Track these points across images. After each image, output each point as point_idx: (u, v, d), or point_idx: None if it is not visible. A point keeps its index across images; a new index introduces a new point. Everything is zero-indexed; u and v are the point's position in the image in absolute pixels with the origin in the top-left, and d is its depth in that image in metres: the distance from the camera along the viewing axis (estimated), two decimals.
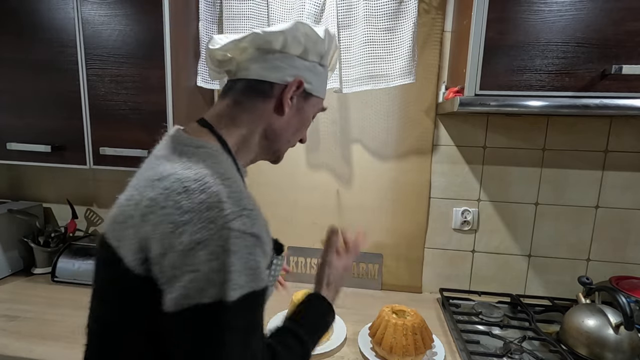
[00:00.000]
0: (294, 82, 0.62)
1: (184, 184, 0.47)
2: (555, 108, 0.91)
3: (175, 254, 0.45)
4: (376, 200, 1.34)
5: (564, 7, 0.87)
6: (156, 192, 0.48)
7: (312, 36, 0.62)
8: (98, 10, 1.07)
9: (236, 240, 0.45)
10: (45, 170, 1.51)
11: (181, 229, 0.45)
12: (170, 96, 1.09)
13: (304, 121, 0.68)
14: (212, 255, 0.44)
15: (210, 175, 0.48)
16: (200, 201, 0.46)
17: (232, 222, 0.46)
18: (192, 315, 0.44)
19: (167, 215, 0.46)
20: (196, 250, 0.44)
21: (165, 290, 0.46)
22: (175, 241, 0.45)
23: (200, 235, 0.44)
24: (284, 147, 0.69)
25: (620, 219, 1.25)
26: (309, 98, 0.66)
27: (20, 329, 1.02)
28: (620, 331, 0.93)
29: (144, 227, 0.47)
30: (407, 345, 0.90)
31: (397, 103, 1.28)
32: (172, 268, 0.45)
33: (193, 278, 0.44)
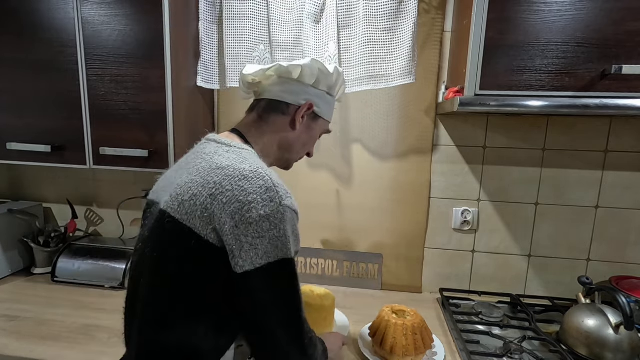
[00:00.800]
0: (306, 104, 0.77)
1: (243, 173, 0.61)
2: (555, 108, 0.91)
3: (246, 226, 0.58)
4: (376, 200, 1.34)
5: (564, 7, 0.87)
6: (220, 178, 0.60)
7: (323, 71, 0.78)
8: (98, 10, 1.07)
9: (287, 215, 0.60)
10: (45, 170, 1.51)
11: (247, 207, 0.58)
12: (170, 96, 1.09)
13: (311, 138, 0.83)
14: (273, 225, 0.59)
15: (262, 167, 0.63)
16: (259, 186, 0.60)
17: (285, 200, 0.60)
18: (266, 272, 0.58)
19: (234, 196, 0.59)
20: (262, 222, 0.58)
21: (237, 255, 0.58)
22: (246, 215, 0.58)
23: (264, 210, 0.58)
24: (293, 157, 0.83)
25: (620, 219, 1.25)
26: (317, 119, 0.82)
27: (20, 329, 1.02)
28: (620, 331, 0.93)
29: (214, 204, 0.59)
30: (407, 345, 0.90)
31: (397, 103, 1.28)
32: (244, 236, 0.58)
33: (260, 243, 0.58)
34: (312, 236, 1.40)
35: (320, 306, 0.99)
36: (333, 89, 0.84)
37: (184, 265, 0.61)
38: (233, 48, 1.22)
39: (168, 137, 1.11)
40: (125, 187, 1.47)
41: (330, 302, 1.01)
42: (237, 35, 1.21)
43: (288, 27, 1.21)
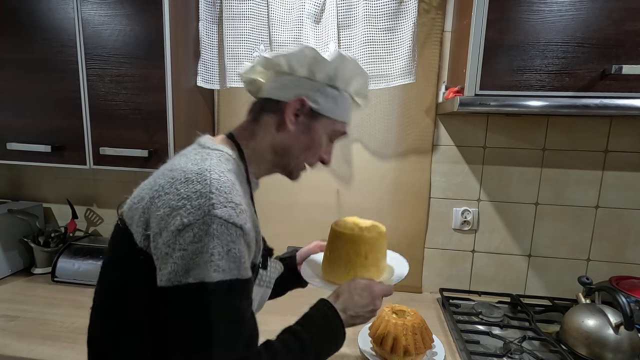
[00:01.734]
0: (295, 101, 0.67)
1: (187, 175, 0.54)
2: (555, 108, 0.91)
3: (167, 234, 0.51)
4: (376, 200, 1.34)
5: (564, 7, 0.87)
6: (164, 180, 0.56)
7: (318, 58, 0.65)
8: (98, 10, 1.07)
9: (218, 227, 0.51)
10: (45, 170, 1.51)
11: (175, 213, 0.51)
12: (170, 96, 1.09)
13: (314, 140, 0.70)
14: (196, 238, 0.50)
15: (210, 171, 0.55)
16: (194, 190, 0.52)
17: (216, 210, 0.51)
18: (181, 292, 0.50)
19: (168, 200, 0.53)
20: (184, 232, 0.50)
21: (159, 267, 0.52)
22: (169, 222, 0.51)
23: (188, 219, 0.51)
24: (292, 163, 0.72)
25: (620, 219, 1.25)
26: (317, 117, 0.69)
27: (20, 329, 1.02)
28: (620, 331, 0.93)
29: (151, 208, 0.54)
30: (407, 345, 0.90)
31: (397, 103, 1.28)
32: (165, 246, 0.51)
33: (181, 256, 0.50)
34: (312, 236, 1.39)
35: (358, 237, 0.76)
36: (335, 80, 0.69)
37: (121, 272, 0.58)
38: (233, 48, 1.22)
39: (168, 137, 1.11)
40: (125, 187, 1.47)
41: (375, 235, 0.78)
42: (237, 35, 1.21)
43: (288, 27, 1.21)
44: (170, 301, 0.51)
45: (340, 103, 0.71)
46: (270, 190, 1.38)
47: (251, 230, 0.56)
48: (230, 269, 0.52)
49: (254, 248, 0.59)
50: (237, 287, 0.53)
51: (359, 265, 0.77)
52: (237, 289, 0.53)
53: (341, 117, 0.72)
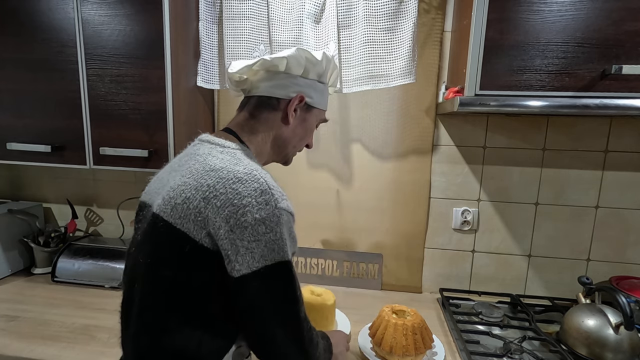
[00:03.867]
0: (297, 97, 0.75)
1: (237, 175, 0.60)
2: (555, 108, 0.91)
3: (241, 230, 0.57)
4: (376, 200, 1.34)
5: (564, 7, 0.87)
6: (213, 181, 0.59)
7: (311, 59, 0.75)
8: (98, 10, 1.07)
9: (283, 217, 0.60)
10: (45, 170, 1.51)
11: (243, 210, 0.57)
12: (170, 96, 1.09)
13: (307, 130, 0.81)
14: (268, 229, 0.58)
15: (256, 170, 0.62)
16: (254, 188, 0.59)
17: (280, 203, 0.60)
18: (268, 273, 0.58)
19: (229, 199, 0.58)
20: (258, 225, 0.57)
21: (233, 259, 0.57)
22: (241, 219, 0.57)
23: (260, 214, 0.57)
24: (291, 152, 0.82)
25: (620, 219, 1.25)
26: (311, 110, 0.80)
27: (20, 329, 1.02)
28: (620, 331, 0.93)
29: (207, 207, 0.58)
30: (407, 345, 0.90)
31: (397, 103, 1.28)
32: (240, 240, 0.57)
33: (256, 246, 0.57)
34: (312, 236, 1.40)
35: (321, 305, 0.99)
36: (324, 77, 0.80)
37: (178, 270, 0.60)
38: (233, 48, 1.22)
39: (168, 137, 1.11)
40: (125, 187, 1.47)
41: (332, 301, 1.01)
42: (237, 35, 1.21)
43: (288, 27, 1.21)
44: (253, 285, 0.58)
45: (325, 95, 0.83)
46: None
47: None
48: (291, 247, 0.62)
49: None
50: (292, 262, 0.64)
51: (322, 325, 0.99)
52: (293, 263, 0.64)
53: (325, 107, 0.84)
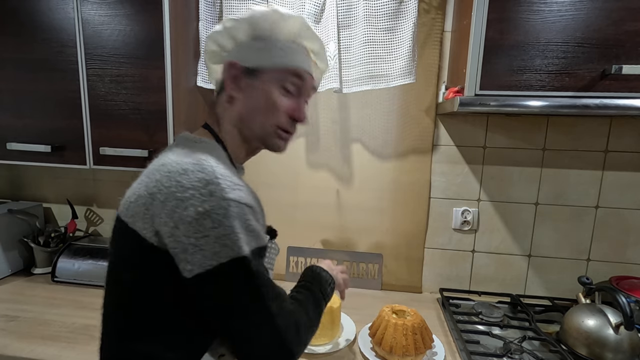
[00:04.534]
0: (227, 67, 0.68)
1: (183, 166, 0.55)
2: (555, 108, 0.91)
3: (185, 225, 0.52)
4: (376, 200, 1.34)
5: (564, 7, 0.87)
6: (160, 175, 0.56)
7: (234, 25, 0.68)
8: (98, 10, 1.07)
9: (232, 209, 0.53)
10: (45, 170, 1.51)
11: (186, 203, 0.52)
12: (170, 96, 1.09)
13: (268, 99, 0.67)
14: (215, 222, 0.52)
15: (206, 159, 0.56)
16: (198, 179, 0.53)
17: (228, 193, 0.54)
18: (221, 272, 0.53)
19: (172, 193, 0.53)
20: (203, 219, 0.52)
21: (182, 259, 0.53)
22: (183, 214, 0.52)
23: (203, 207, 0.52)
24: (262, 130, 0.69)
25: (620, 219, 1.25)
26: (257, 73, 0.67)
27: (20, 329, 1.02)
28: (620, 331, 0.93)
29: (153, 203, 0.55)
30: (407, 345, 0.90)
31: (397, 103, 1.28)
32: (186, 237, 0.52)
33: (205, 242, 0.52)
34: (312, 236, 1.40)
35: (328, 309, 0.97)
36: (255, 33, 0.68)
37: (135, 272, 0.57)
38: None
39: (168, 137, 1.11)
40: (125, 187, 1.46)
41: (338, 304, 1.01)
42: None
43: None
44: (209, 285, 0.53)
45: (274, 51, 0.68)
46: (270, 190, 1.38)
47: (257, 207, 0.60)
48: (250, 240, 0.56)
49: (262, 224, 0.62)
50: (260, 253, 0.58)
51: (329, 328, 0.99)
52: (260, 254, 0.58)
53: (284, 63, 0.68)
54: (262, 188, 1.37)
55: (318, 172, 1.36)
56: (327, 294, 0.74)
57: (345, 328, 1.06)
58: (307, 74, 0.71)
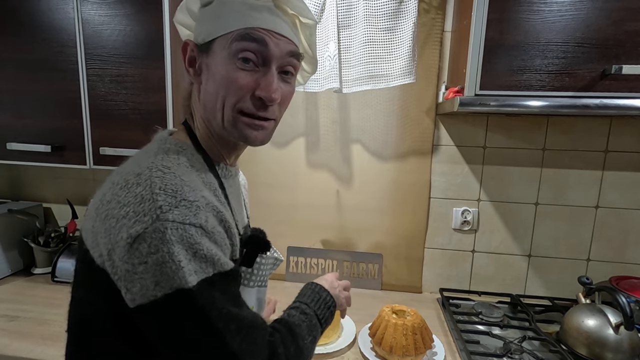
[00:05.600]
0: (182, 49, 0.58)
1: (126, 178, 0.47)
2: (555, 108, 0.91)
3: (120, 249, 0.44)
4: (376, 200, 1.34)
5: (564, 7, 0.87)
6: (106, 187, 0.50)
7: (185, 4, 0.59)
8: (98, 10, 1.07)
9: (171, 232, 0.44)
10: (45, 170, 1.51)
11: (120, 223, 0.45)
12: (170, 96, 1.09)
13: (220, 74, 0.54)
14: (152, 248, 0.43)
15: (150, 169, 0.47)
16: (136, 194, 0.45)
17: (166, 213, 0.44)
18: (163, 306, 0.44)
19: (111, 209, 0.46)
20: (136, 244, 0.44)
21: (123, 285, 0.45)
22: (117, 236, 0.45)
23: (135, 229, 0.44)
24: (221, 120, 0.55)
25: (620, 219, 1.25)
26: (209, 48, 0.55)
27: (20, 329, 1.02)
28: (620, 331, 0.93)
29: (97, 220, 0.48)
30: (407, 345, 0.90)
31: (397, 103, 1.28)
32: (122, 263, 0.45)
33: (144, 270, 0.44)
34: (312, 236, 1.40)
35: None
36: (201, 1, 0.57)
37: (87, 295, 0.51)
38: None
39: None
40: None
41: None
42: None
43: None
44: (155, 317, 0.45)
45: (225, 15, 0.54)
46: (270, 190, 1.38)
47: (216, 226, 0.49)
48: (203, 267, 0.46)
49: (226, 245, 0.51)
50: (221, 280, 0.47)
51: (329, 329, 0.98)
52: (221, 282, 0.47)
53: (232, 26, 0.53)
54: (262, 188, 1.37)
55: (318, 172, 1.36)
56: (325, 319, 0.67)
57: (345, 328, 1.05)
58: (271, 35, 0.53)
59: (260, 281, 0.67)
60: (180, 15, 0.60)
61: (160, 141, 0.56)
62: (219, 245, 0.49)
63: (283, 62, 0.56)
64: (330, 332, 0.99)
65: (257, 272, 0.65)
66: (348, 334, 1.02)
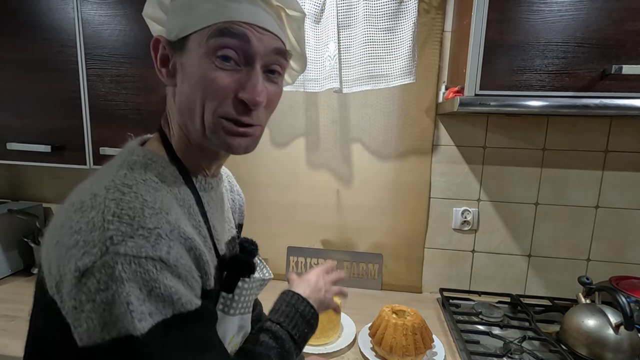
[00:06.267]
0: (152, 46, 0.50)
1: (82, 199, 0.41)
2: (555, 108, 0.91)
3: (68, 282, 0.39)
4: (376, 200, 1.34)
5: (564, 7, 0.87)
6: (63, 208, 0.43)
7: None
8: (98, 10, 1.07)
9: (126, 267, 0.38)
10: (45, 170, 1.51)
11: (69, 253, 0.39)
12: None
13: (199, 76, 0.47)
14: (101, 284, 0.37)
15: (108, 189, 0.41)
16: (87, 220, 0.39)
17: (117, 245, 0.38)
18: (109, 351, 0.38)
19: (62, 236, 0.40)
20: (85, 278, 0.38)
21: (70, 322, 0.40)
22: (65, 268, 0.39)
23: (84, 261, 0.38)
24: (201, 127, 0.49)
25: (620, 219, 1.25)
26: (184, 44, 0.48)
27: (20, 329, 1.02)
28: (620, 331, 0.93)
29: (49, 246, 0.42)
30: (407, 345, 0.90)
31: (397, 103, 1.28)
32: (70, 298, 0.39)
33: (91, 309, 0.38)
34: (312, 236, 1.40)
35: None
36: None
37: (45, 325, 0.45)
38: None
39: None
40: None
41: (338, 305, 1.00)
42: None
43: None
44: None
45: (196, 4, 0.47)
46: (270, 190, 1.38)
47: (181, 257, 0.42)
48: (160, 308, 0.39)
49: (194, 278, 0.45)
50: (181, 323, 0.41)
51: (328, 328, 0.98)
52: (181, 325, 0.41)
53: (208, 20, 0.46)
54: (262, 188, 1.37)
55: (318, 172, 1.36)
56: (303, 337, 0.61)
57: (345, 328, 1.06)
58: (254, 29, 0.47)
59: (243, 308, 0.59)
60: (149, 8, 0.53)
61: (127, 152, 0.50)
62: (183, 280, 0.42)
63: (268, 60, 0.49)
64: (330, 332, 0.99)
65: (238, 298, 0.57)
66: (348, 334, 1.02)
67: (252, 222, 1.41)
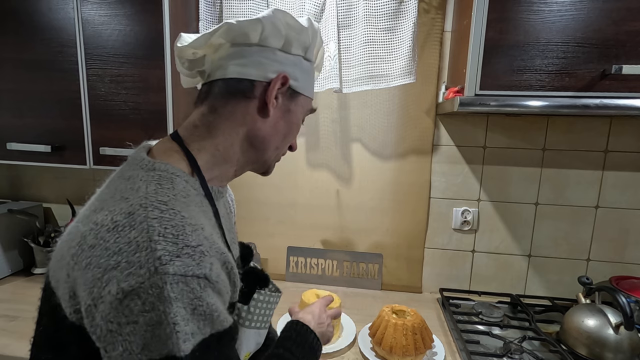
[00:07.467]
0: (278, 78, 0.54)
1: (115, 218, 0.40)
2: (555, 108, 0.91)
3: (105, 305, 0.38)
4: (376, 200, 1.34)
5: (564, 7, 0.87)
6: (87, 227, 0.42)
7: (295, 25, 0.55)
8: (98, 10, 1.07)
9: (174, 287, 0.38)
10: (45, 170, 1.51)
11: (109, 275, 0.38)
12: (170, 96, 1.09)
13: (292, 125, 0.59)
14: (147, 306, 0.37)
15: (145, 207, 0.41)
16: (128, 240, 0.39)
17: (166, 265, 0.38)
18: None
19: (96, 257, 0.39)
20: (127, 300, 0.37)
21: (104, 348, 0.39)
22: (104, 289, 0.38)
23: (129, 282, 0.37)
24: (272, 156, 0.60)
25: (620, 219, 1.25)
26: (296, 97, 0.58)
27: (20, 329, 1.02)
28: (620, 331, 0.93)
29: (75, 268, 0.41)
30: (407, 345, 0.90)
31: (397, 103, 1.28)
32: (105, 322, 0.38)
33: (131, 331, 0.37)
34: (312, 236, 1.40)
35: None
36: (310, 51, 0.59)
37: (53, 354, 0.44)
38: None
39: None
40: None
41: (337, 305, 1.01)
42: None
43: None
44: None
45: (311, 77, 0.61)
46: (270, 190, 1.38)
47: (221, 273, 0.44)
48: (201, 327, 0.40)
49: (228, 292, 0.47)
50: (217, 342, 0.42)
51: None
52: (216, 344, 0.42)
53: (312, 94, 0.62)
54: (262, 188, 1.37)
55: (318, 172, 1.36)
56: None
57: (345, 328, 1.06)
58: None
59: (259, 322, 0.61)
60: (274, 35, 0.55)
61: (140, 164, 0.48)
62: (221, 295, 0.44)
63: None
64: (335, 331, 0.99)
65: (253, 310, 0.60)
66: (348, 334, 1.02)
67: (252, 222, 1.41)
